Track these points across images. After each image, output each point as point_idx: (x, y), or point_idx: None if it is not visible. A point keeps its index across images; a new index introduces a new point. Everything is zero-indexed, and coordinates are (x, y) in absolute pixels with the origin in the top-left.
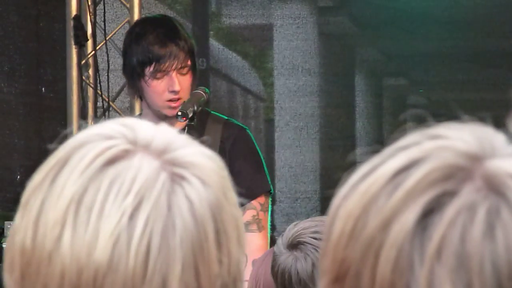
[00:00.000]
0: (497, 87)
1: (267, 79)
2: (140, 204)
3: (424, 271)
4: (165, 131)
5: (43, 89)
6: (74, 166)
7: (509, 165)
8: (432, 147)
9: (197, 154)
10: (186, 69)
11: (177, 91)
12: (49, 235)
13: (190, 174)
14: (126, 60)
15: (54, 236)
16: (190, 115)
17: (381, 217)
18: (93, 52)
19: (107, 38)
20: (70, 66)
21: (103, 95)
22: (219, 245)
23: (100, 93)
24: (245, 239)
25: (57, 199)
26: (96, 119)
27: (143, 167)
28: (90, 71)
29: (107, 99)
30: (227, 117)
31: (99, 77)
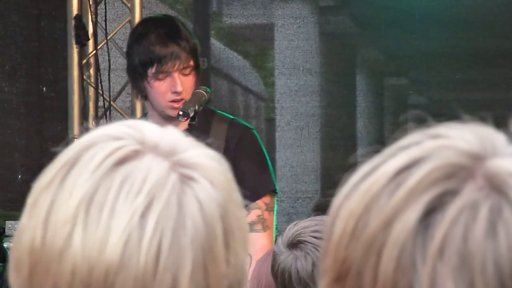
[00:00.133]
0: (498, 87)
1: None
2: (151, 204)
3: (427, 270)
4: (171, 133)
5: (44, 89)
6: (84, 166)
7: (510, 164)
8: (434, 146)
9: (204, 156)
10: (189, 70)
11: (179, 92)
12: (60, 234)
13: (199, 175)
14: (129, 61)
15: (65, 234)
16: (191, 115)
17: (383, 216)
18: (94, 52)
19: (108, 38)
20: (71, 66)
21: (104, 95)
22: (227, 246)
23: (101, 93)
24: (249, 240)
25: (68, 198)
26: (97, 119)
27: (153, 168)
28: (91, 71)
29: (108, 99)
30: (233, 117)
31: (100, 77)
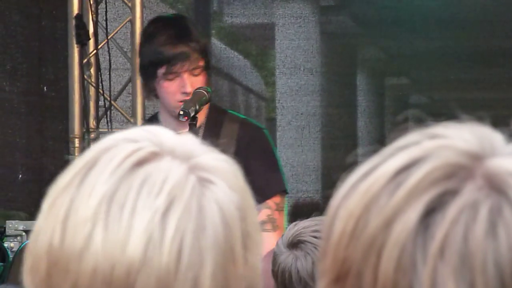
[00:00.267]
0: (500, 87)
1: (269, 78)
2: (172, 204)
3: (427, 270)
4: (186, 138)
5: (45, 88)
6: (104, 167)
7: (510, 164)
8: (433, 146)
9: (219, 160)
10: (198, 70)
11: (189, 93)
12: (80, 233)
13: (216, 178)
14: (140, 60)
15: (85, 234)
16: (192, 114)
17: (383, 216)
18: (95, 51)
19: (109, 37)
20: (72, 65)
21: (105, 94)
22: (245, 247)
23: (102, 92)
24: (263, 242)
25: (87, 198)
26: (98, 118)
27: (173, 169)
28: (92, 70)
29: (109, 98)
30: (244, 116)
31: (101, 76)
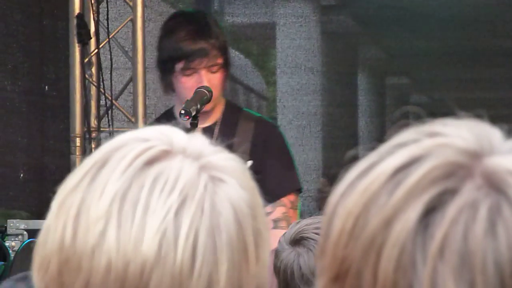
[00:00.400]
0: (500, 86)
1: (270, 78)
2: (185, 202)
3: (427, 270)
4: (196, 138)
5: (46, 87)
6: (115, 166)
7: (508, 162)
8: (432, 145)
9: (229, 159)
10: (216, 67)
11: None
12: (92, 230)
13: (228, 177)
14: (158, 54)
15: (98, 231)
16: (193, 114)
17: (383, 216)
18: (96, 51)
19: (110, 37)
20: (73, 65)
21: (106, 94)
22: (257, 245)
23: (103, 92)
24: (272, 240)
25: (99, 196)
26: (99, 118)
27: (185, 168)
28: (93, 70)
29: (110, 98)
30: (259, 115)
31: (102, 76)
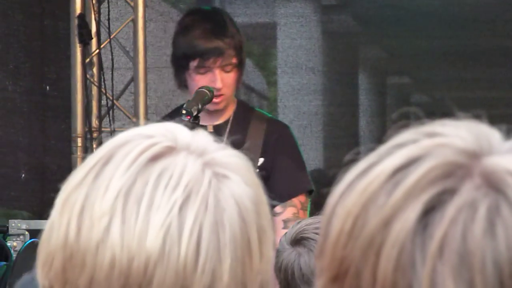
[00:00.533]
0: (501, 86)
1: (271, 78)
2: (189, 198)
3: (426, 270)
4: (201, 135)
5: (48, 88)
6: (120, 162)
7: (507, 162)
8: (431, 145)
9: (233, 156)
10: (230, 67)
11: (219, 89)
12: (97, 226)
13: (232, 174)
14: (173, 50)
15: (102, 227)
16: (195, 114)
17: (382, 216)
18: (97, 51)
19: (111, 37)
20: (75, 65)
21: (107, 94)
22: (260, 241)
23: (104, 92)
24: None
25: (104, 192)
26: (100, 118)
27: (189, 164)
28: (94, 70)
29: (111, 98)
30: (271, 115)
31: (103, 76)
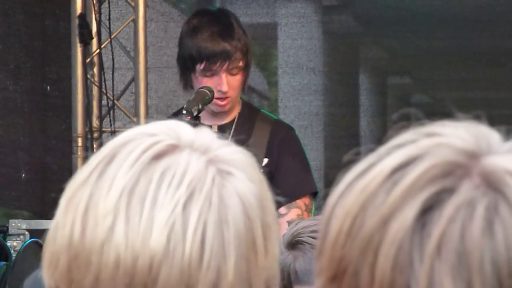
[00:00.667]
0: (502, 86)
1: (272, 78)
2: (192, 196)
3: (424, 268)
4: (204, 132)
5: (48, 87)
6: (123, 161)
7: (506, 162)
8: (429, 145)
9: (237, 152)
10: (237, 70)
11: (225, 92)
12: (101, 226)
13: (236, 170)
14: (180, 51)
15: (106, 226)
16: (195, 114)
17: (380, 215)
18: (98, 51)
19: (112, 37)
20: (75, 65)
21: (108, 94)
22: (265, 238)
23: (105, 92)
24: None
25: (107, 191)
26: (101, 118)
27: (192, 162)
28: (95, 70)
29: (112, 98)
30: (276, 117)
31: (104, 76)
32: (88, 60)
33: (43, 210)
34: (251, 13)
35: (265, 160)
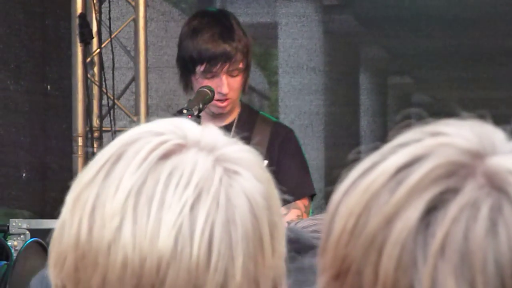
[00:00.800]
0: (503, 86)
1: (272, 78)
2: (200, 196)
3: (428, 268)
4: (211, 130)
5: (49, 87)
6: (130, 160)
7: (510, 162)
8: (434, 144)
9: (244, 151)
10: (237, 71)
11: (225, 94)
12: (108, 226)
13: (242, 169)
14: (180, 52)
15: (114, 227)
16: (196, 113)
17: (384, 214)
18: (98, 50)
19: (112, 36)
20: (76, 64)
21: (108, 93)
22: (272, 237)
23: (105, 91)
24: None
25: (114, 192)
26: (101, 117)
27: (199, 161)
28: (95, 69)
29: (112, 97)
30: (276, 119)
31: (104, 75)
32: (89, 60)
33: (44, 210)
34: (252, 13)
35: (265, 163)
